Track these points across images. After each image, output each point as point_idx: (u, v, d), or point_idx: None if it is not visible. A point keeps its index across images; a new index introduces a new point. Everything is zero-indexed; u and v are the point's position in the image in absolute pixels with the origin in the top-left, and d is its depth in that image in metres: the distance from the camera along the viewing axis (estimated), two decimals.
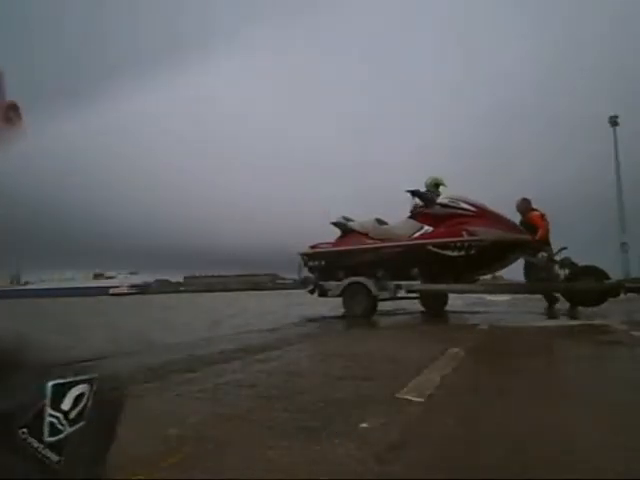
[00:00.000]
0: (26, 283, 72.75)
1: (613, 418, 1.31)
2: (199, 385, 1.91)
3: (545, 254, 5.58)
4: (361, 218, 6.54)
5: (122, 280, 64.95)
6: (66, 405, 0.29)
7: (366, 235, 6.14)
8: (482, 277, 6.22)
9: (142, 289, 61.86)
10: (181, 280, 78.87)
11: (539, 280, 5.67)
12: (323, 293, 6.24)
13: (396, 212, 6.63)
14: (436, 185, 6.22)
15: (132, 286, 63.59)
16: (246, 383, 1.91)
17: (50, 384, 0.29)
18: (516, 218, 5.93)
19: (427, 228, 5.72)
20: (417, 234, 5.74)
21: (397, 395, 1.58)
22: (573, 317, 4.75)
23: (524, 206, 5.96)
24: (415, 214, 5.95)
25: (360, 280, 5.75)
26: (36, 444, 0.27)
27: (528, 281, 5.97)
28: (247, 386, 1.85)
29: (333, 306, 6.55)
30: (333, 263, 6.21)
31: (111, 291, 57.15)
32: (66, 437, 0.29)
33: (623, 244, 12.37)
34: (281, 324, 5.07)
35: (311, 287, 6.45)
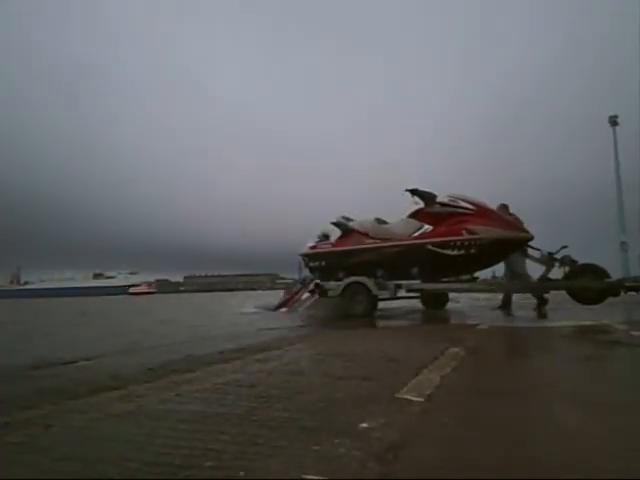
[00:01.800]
0: (26, 283, 72.68)
1: (613, 418, 1.31)
2: (198, 385, 1.91)
3: (545, 252, 5.58)
4: (360, 218, 6.54)
5: (121, 280, 64.68)
6: None
7: (366, 235, 6.13)
8: None
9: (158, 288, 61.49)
10: (181, 280, 79.01)
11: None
12: (323, 293, 6.24)
13: (396, 212, 6.65)
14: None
15: (151, 284, 62.98)
16: (246, 383, 1.91)
17: None
18: None
19: (427, 227, 5.71)
20: (417, 233, 5.73)
21: (397, 395, 1.58)
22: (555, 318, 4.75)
23: (502, 212, 6.02)
24: (414, 213, 5.93)
25: (360, 280, 5.75)
26: None
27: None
28: (247, 386, 1.85)
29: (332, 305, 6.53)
30: (333, 263, 6.21)
31: (130, 290, 57.04)
32: None
33: (623, 244, 12.39)
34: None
35: (311, 288, 6.46)
